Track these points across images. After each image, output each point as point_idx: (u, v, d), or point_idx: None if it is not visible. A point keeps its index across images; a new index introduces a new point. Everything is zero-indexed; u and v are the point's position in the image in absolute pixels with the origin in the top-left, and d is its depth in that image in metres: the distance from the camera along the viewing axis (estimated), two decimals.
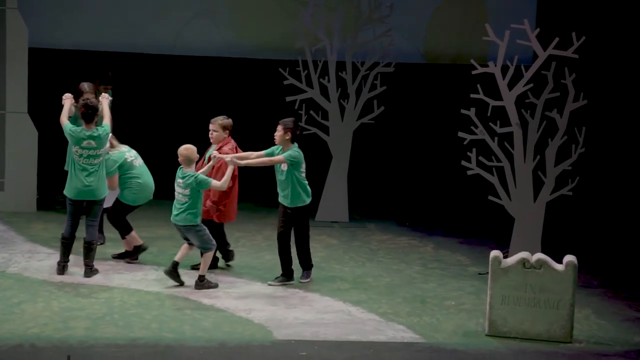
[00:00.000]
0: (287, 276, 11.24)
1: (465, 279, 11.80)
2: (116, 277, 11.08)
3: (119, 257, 11.70)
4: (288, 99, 13.80)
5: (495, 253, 9.98)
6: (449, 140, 14.12)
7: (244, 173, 15.02)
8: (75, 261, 11.44)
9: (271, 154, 11.19)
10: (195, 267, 11.29)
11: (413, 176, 15.32)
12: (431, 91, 15.25)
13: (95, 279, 10.98)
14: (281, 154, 11.06)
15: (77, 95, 12.16)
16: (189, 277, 11.10)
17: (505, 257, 10.19)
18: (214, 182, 10.90)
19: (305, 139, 14.20)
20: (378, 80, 13.88)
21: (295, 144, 11.19)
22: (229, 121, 11.64)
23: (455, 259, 12.66)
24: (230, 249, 11.91)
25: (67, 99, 11.26)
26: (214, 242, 10.98)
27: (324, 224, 13.80)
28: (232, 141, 11.65)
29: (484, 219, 14.11)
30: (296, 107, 13.75)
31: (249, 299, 10.67)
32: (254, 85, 14.84)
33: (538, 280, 9.81)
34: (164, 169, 14.81)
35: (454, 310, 10.68)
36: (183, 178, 10.79)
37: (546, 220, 11.73)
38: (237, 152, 11.63)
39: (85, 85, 12.08)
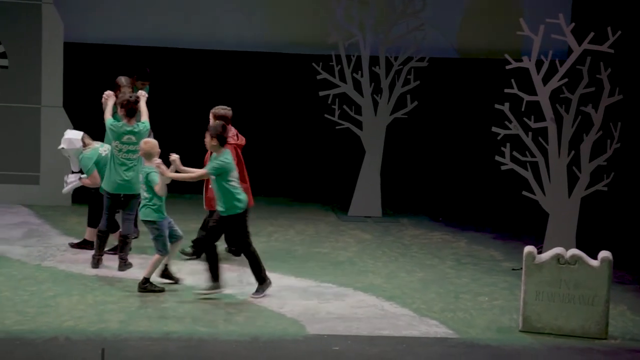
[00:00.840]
0: (215, 284, 10.46)
1: (499, 274, 11.75)
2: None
3: (78, 246, 11.67)
4: (321, 93, 13.80)
5: (529, 248, 9.93)
6: (482, 135, 14.05)
7: (279, 167, 15.06)
8: (110, 255, 11.50)
9: None
10: (184, 252, 11.33)
11: (446, 171, 15.27)
12: (465, 86, 15.19)
13: (130, 273, 11.04)
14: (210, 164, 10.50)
15: (114, 89, 12.23)
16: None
17: (540, 252, 10.14)
18: (156, 187, 10.42)
19: (339, 133, 14.22)
20: (411, 74, 13.84)
21: (226, 150, 10.43)
22: (227, 111, 11.53)
23: (489, 254, 12.61)
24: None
25: (110, 97, 11.31)
26: (167, 249, 10.58)
27: (357, 219, 13.80)
28: (232, 129, 11.58)
29: (517, 215, 14.04)
30: (329, 102, 13.74)
31: (282, 293, 10.68)
32: (288, 80, 14.85)
33: (573, 276, 9.75)
34: (198, 163, 14.85)
35: (488, 305, 10.65)
36: (141, 172, 10.67)
37: (581, 215, 11.66)
38: (238, 139, 11.53)
39: (123, 79, 12.13)
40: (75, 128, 13.52)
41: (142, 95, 11.41)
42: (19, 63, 13.26)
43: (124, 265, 11.10)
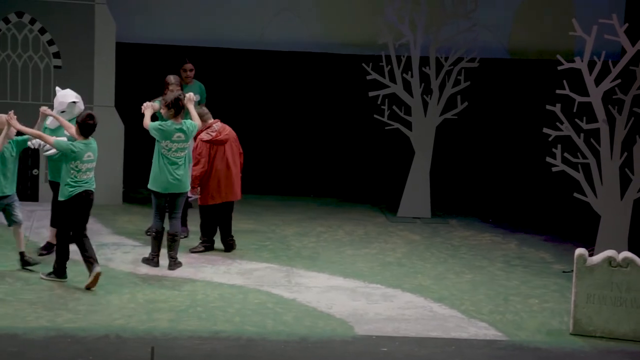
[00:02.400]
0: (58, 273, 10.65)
1: (549, 276, 11.66)
2: (199, 270, 11.19)
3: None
4: (371, 94, 13.77)
5: (580, 251, 9.84)
6: (533, 137, 13.96)
7: (328, 168, 15.05)
8: (160, 254, 11.59)
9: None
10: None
11: (496, 172, 15.17)
12: (516, 86, 15.08)
13: (179, 272, 11.10)
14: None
15: (163, 87, 12.32)
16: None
17: (591, 255, 10.04)
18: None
19: (388, 134, 14.19)
20: (462, 75, 13.78)
21: (87, 139, 10.52)
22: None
23: (539, 256, 12.51)
24: (230, 240, 11.94)
25: (148, 108, 11.38)
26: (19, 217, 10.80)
27: (406, 220, 13.75)
28: (215, 125, 11.76)
29: (569, 216, 13.92)
30: (379, 102, 13.71)
31: (331, 293, 10.68)
32: (337, 80, 14.84)
33: (624, 279, 9.65)
34: (249, 163, 14.91)
35: (538, 308, 10.57)
36: None
37: (633, 218, 11.53)
38: (219, 135, 11.74)
39: (172, 78, 12.21)
40: (127, 128, 13.66)
41: (190, 99, 11.42)
42: (72, 63, 13.39)
43: (174, 264, 11.17)
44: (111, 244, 11.99)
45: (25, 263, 10.88)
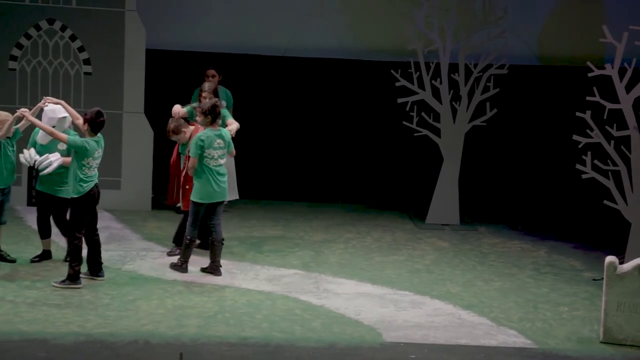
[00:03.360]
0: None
1: (579, 284, 11.59)
2: (227, 276, 11.20)
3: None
4: (400, 100, 13.76)
5: (610, 259, 9.77)
6: (563, 144, 13.89)
7: (356, 174, 15.04)
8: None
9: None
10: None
11: (526, 179, 15.10)
12: (546, 93, 15.01)
13: (207, 278, 11.12)
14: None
15: (191, 93, 12.38)
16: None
17: (621, 263, 9.97)
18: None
19: (417, 140, 14.16)
20: (491, 82, 13.73)
21: (96, 136, 10.53)
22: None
23: (569, 264, 12.44)
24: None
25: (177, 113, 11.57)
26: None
27: (435, 227, 13.72)
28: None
29: (599, 224, 13.83)
30: (407, 109, 13.69)
31: (359, 300, 10.67)
32: (366, 87, 14.84)
33: None
34: (278, 170, 14.96)
35: (568, 316, 10.50)
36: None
37: None
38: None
39: (206, 85, 12.15)
40: (156, 134, 13.70)
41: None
42: (102, 70, 13.47)
43: (217, 269, 11.17)
44: (140, 249, 12.03)
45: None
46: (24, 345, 9.04)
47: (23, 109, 10.74)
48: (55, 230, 11.36)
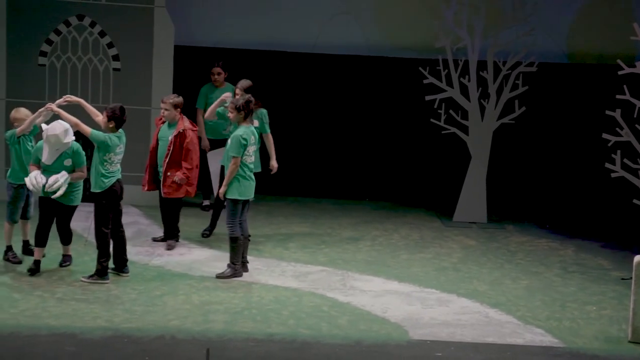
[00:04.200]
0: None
1: (607, 283, 11.53)
2: (254, 272, 11.21)
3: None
4: (428, 98, 13.73)
5: (639, 258, 9.71)
6: (592, 142, 13.81)
7: (384, 171, 15.02)
8: (215, 256, 11.65)
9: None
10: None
11: (554, 178, 15.03)
12: (575, 91, 14.93)
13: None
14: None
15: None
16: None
17: None
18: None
19: (445, 138, 14.12)
20: (520, 80, 13.67)
21: (118, 131, 10.64)
22: (180, 99, 11.73)
23: (597, 262, 12.38)
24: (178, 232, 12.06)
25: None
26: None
27: (462, 225, 13.68)
28: (185, 118, 11.76)
29: (627, 223, 13.75)
30: (435, 106, 13.66)
31: (385, 297, 10.66)
32: (394, 84, 14.81)
33: None
34: (306, 167, 14.95)
35: (595, 315, 10.45)
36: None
37: None
38: (193, 127, 11.78)
39: (241, 83, 12.05)
40: None
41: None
42: (130, 65, 13.52)
43: (244, 266, 11.22)
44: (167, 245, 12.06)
45: (27, 251, 11.11)
46: (52, 340, 9.10)
47: (49, 104, 10.80)
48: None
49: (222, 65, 13.47)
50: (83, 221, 12.31)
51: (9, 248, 11.07)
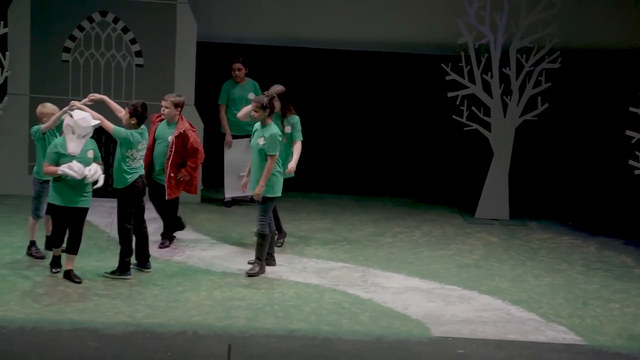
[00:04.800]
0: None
1: (631, 281, 11.47)
2: (276, 269, 11.23)
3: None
4: (450, 94, 13.69)
5: None
6: (616, 139, 13.74)
7: (405, 168, 15.00)
8: (237, 252, 11.67)
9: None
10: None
11: (577, 175, 14.97)
12: (599, 87, 14.83)
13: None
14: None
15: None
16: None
17: None
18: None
19: (467, 135, 14.09)
20: (543, 76, 13.62)
21: (140, 128, 10.65)
22: (182, 99, 11.64)
23: (620, 260, 12.32)
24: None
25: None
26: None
27: (484, 222, 13.64)
28: (185, 119, 11.68)
29: None
30: (458, 103, 13.63)
31: (407, 294, 10.65)
32: (416, 80, 14.78)
33: None
34: (327, 163, 14.94)
35: (618, 312, 10.41)
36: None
37: None
38: (192, 127, 11.70)
39: (274, 88, 11.87)
40: (206, 126, 13.77)
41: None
42: (153, 62, 13.55)
43: (273, 261, 11.26)
44: (190, 240, 12.10)
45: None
46: (75, 335, 9.14)
47: (74, 102, 10.85)
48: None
49: (243, 60, 13.50)
50: (105, 217, 12.37)
51: (32, 243, 11.13)
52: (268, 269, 11.11)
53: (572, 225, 13.83)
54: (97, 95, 11.05)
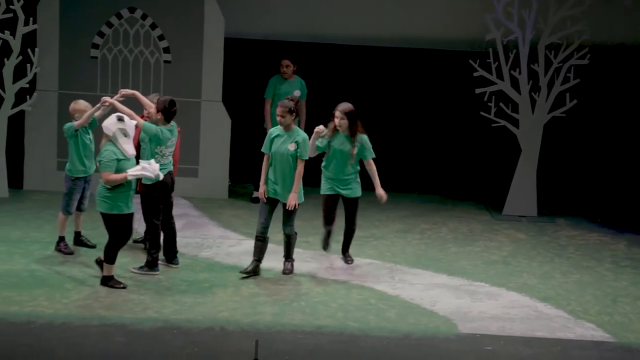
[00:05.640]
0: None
1: None
2: (303, 265, 11.24)
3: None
4: (478, 90, 13.65)
5: None
6: None
7: (432, 164, 14.96)
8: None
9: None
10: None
11: (605, 171, 14.88)
12: (628, 84, 14.73)
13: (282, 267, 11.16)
14: None
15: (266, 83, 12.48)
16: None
17: None
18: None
19: (494, 131, 14.04)
20: (571, 72, 13.55)
21: (169, 124, 10.69)
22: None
23: None
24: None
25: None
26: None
27: (512, 218, 13.60)
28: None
29: None
30: (485, 99, 13.58)
31: (434, 291, 10.63)
32: (444, 76, 14.74)
33: None
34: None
35: None
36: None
37: None
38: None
39: (343, 106, 11.73)
40: (233, 123, 13.79)
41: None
42: (181, 58, 13.59)
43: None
44: (217, 236, 12.13)
45: (79, 242, 11.33)
46: (103, 330, 9.19)
47: (105, 98, 10.89)
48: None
49: (292, 58, 13.41)
50: (135, 213, 12.39)
51: (62, 239, 11.20)
52: (297, 264, 11.13)
53: (600, 222, 13.75)
54: (128, 91, 11.09)
